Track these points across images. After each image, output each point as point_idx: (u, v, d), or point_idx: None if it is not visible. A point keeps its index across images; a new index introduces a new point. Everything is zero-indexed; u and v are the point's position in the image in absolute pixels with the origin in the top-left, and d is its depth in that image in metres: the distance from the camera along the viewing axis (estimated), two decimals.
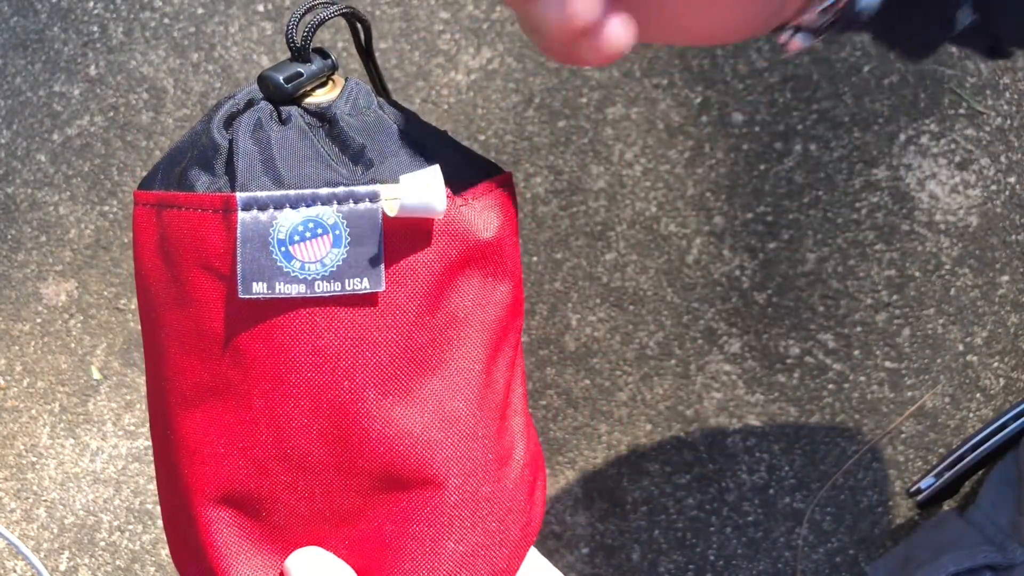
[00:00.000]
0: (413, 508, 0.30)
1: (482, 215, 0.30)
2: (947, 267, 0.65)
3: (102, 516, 0.71)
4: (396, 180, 0.28)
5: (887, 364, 0.65)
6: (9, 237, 0.72)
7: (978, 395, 0.65)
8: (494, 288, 0.31)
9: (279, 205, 0.28)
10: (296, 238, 0.28)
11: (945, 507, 0.65)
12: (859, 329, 0.65)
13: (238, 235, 0.28)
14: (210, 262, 0.29)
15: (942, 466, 0.61)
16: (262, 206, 0.28)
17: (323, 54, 0.32)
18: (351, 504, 0.30)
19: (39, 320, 0.72)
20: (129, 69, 0.71)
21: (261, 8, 0.69)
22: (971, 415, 0.65)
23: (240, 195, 0.28)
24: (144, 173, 0.71)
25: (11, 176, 0.72)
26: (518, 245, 0.33)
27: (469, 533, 0.30)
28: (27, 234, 0.72)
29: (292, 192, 0.28)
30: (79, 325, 0.71)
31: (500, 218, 0.31)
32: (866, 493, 0.66)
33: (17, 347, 0.72)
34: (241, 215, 0.28)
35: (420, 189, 0.28)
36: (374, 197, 0.28)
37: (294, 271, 0.28)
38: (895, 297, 0.65)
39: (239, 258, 0.28)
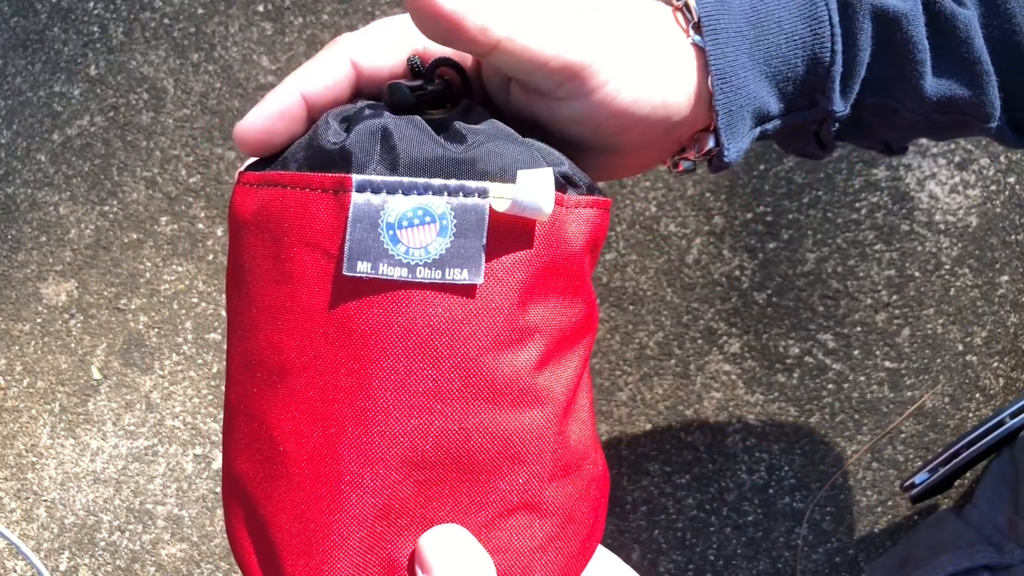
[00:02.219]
0: (472, 503, 0.30)
1: (577, 226, 0.31)
2: (947, 267, 0.65)
3: (102, 516, 0.71)
4: (506, 176, 0.29)
5: (887, 364, 0.65)
6: (9, 237, 0.72)
7: (978, 395, 0.65)
8: (571, 300, 0.32)
9: (392, 190, 0.29)
10: (404, 223, 0.29)
11: (942, 506, 0.65)
12: (859, 329, 0.65)
13: (350, 215, 0.29)
14: (316, 240, 0.30)
15: (936, 462, 0.61)
16: (376, 189, 0.29)
17: (447, 82, 0.33)
18: (412, 494, 0.30)
19: (39, 320, 0.72)
20: (129, 69, 0.71)
21: (261, 8, 0.69)
22: (971, 415, 0.66)
23: (356, 177, 0.29)
24: (145, 173, 0.71)
25: (11, 176, 0.72)
26: (593, 268, 0.34)
27: (527, 535, 0.31)
28: (27, 234, 0.72)
29: (406, 179, 0.29)
30: (79, 325, 0.71)
31: (589, 235, 0.32)
32: (866, 493, 0.66)
33: (17, 347, 0.72)
34: (355, 196, 0.29)
35: (533, 188, 0.29)
36: (483, 192, 0.29)
37: (399, 255, 0.29)
38: (895, 297, 0.65)
39: (348, 236, 0.29)
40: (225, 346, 0.70)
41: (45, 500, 0.72)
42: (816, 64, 0.35)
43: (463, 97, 0.35)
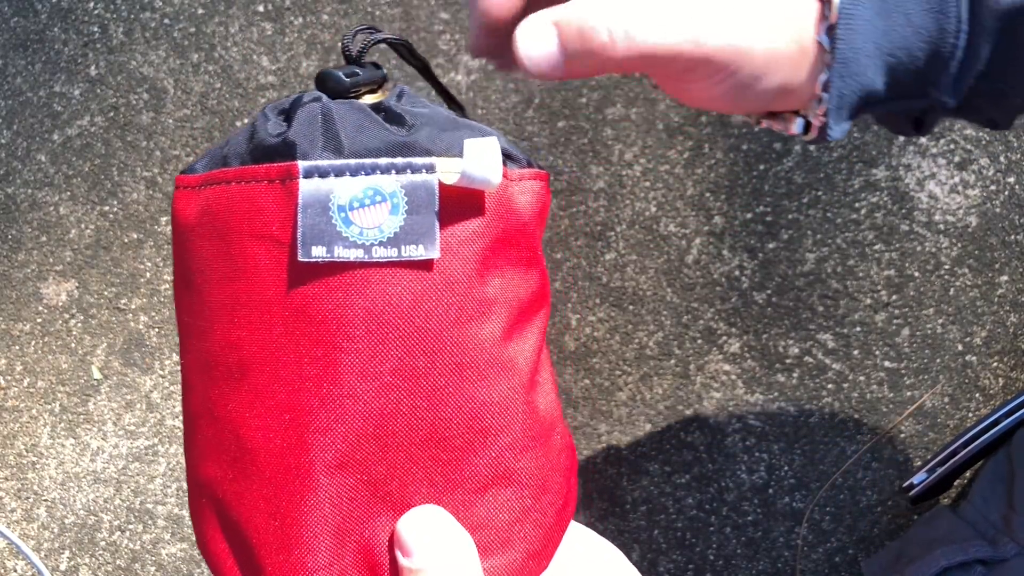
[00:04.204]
0: (447, 481, 0.30)
1: (525, 197, 0.31)
2: (946, 267, 0.65)
3: (102, 516, 0.71)
4: (451, 152, 0.29)
5: (886, 364, 0.65)
6: (9, 237, 0.72)
7: (977, 395, 0.65)
8: (526, 271, 0.32)
9: (339, 173, 0.29)
10: (356, 204, 0.29)
11: (938, 504, 0.66)
12: (858, 329, 0.66)
13: (299, 200, 0.28)
14: (267, 231, 0.29)
15: (934, 462, 0.61)
16: (323, 174, 0.29)
17: (376, 66, 0.33)
18: (386, 477, 0.30)
19: (39, 320, 0.72)
20: (129, 69, 0.71)
21: (261, 8, 0.69)
22: (970, 415, 0.66)
23: (302, 163, 0.29)
24: (145, 173, 0.71)
25: (11, 176, 0.72)
26: (541, 238, 0.34)
27: (503, 508, 0.31)
28: (27, 234, 0.72)
29: (352, 161, 0.29)
30: (79, 325, 0.71)
31: (537, 206, 0.32)
32: (865, 493, 0.66)
33: (17, 347, 0.72)
34: (302, 182, 0.29)
35: (481, 157, 0.29)
36: (431, 168, 0.29)
37: (353, 236, 0.29)
38: (894, 297, 0.65)
39: (299, 222, 0.28)
40: None
41: (45, 500, 0.72)
42: (935, 58, 0.35)
43: (419, 68, 0.36)
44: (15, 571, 0.73)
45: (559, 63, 0.32)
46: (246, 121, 0.33)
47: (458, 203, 0.29)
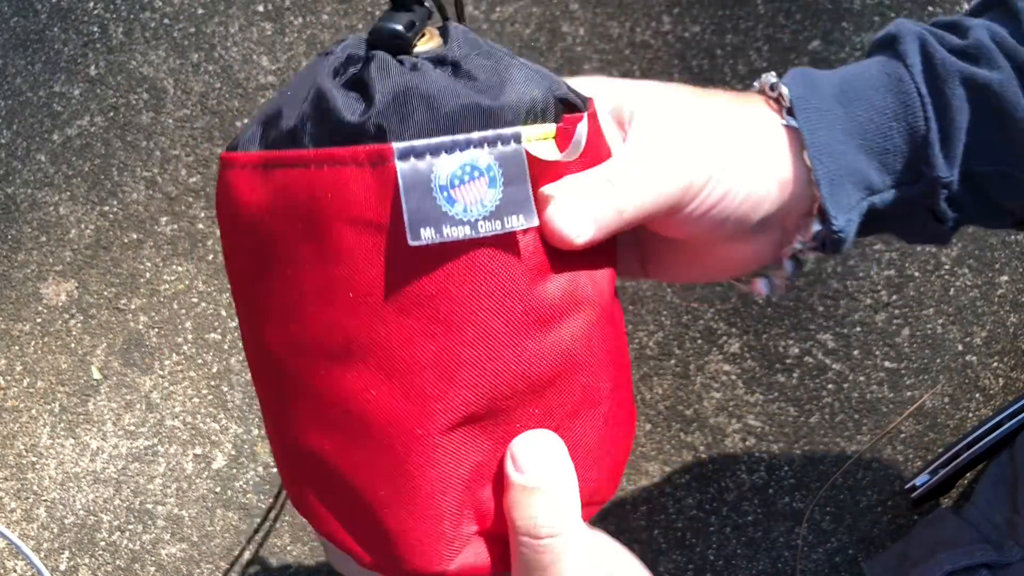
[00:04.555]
0: (544, 414, 0.32)
1: (584, 141, 0.32)
2: (946, 267, 0.65)
3: (102, 516, 0.71)
4: (531, 116, 0.30)
5: (886, 364, 0.65)
6: (9, 237, 0.72)
7: (977, 395, 0.65)
8: None
9: (435, 152, 0.29)
10: (456, 182, 0.29)
11: (940, 505, 0.66)
12: (858, 329, 0.66)
13: (400, 184, 0.28)
14: (360, 215, 0.29)
15: (937, 463, 0.61)
16: (419, 154, 0.29)
17: (419, 3, 0.33)
18: (498, 419, 0.31)
19: (39, 320, 0.72)
20: (129, 69, 0.71)
21: (261, 8, 0.69)
22: (970, 415, 0.66)
23: (397, 145, 0.29)
24: (145, 173, 0.71)
25: (11, 176, 0.72)
26: None
27: (591, 429, 0.33)
28: (27, 234, 0.72)
29: (447, 139, 0.29)
30: (79, 325, 0.71)
31: (593, 139, 0.33)
32: (865, 493, 0.66)
33: (17, 347, 0.72)
34: (400, 164, 0.29)
35: (580, 143, 0.30)
36: (518, 138, 0.29)
37: (458, 214, 0.29)
38: (894, 297, 0.65)
39: (405, 206, 0.29)
40: (225, 346, 0.70)
41: (45, 500, 0.72)
42: (913, 134, 0.35)
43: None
44: (15, 571, 0.73)
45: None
46: (285, 89, 0.32)
47: (541, 167, 0.30)
